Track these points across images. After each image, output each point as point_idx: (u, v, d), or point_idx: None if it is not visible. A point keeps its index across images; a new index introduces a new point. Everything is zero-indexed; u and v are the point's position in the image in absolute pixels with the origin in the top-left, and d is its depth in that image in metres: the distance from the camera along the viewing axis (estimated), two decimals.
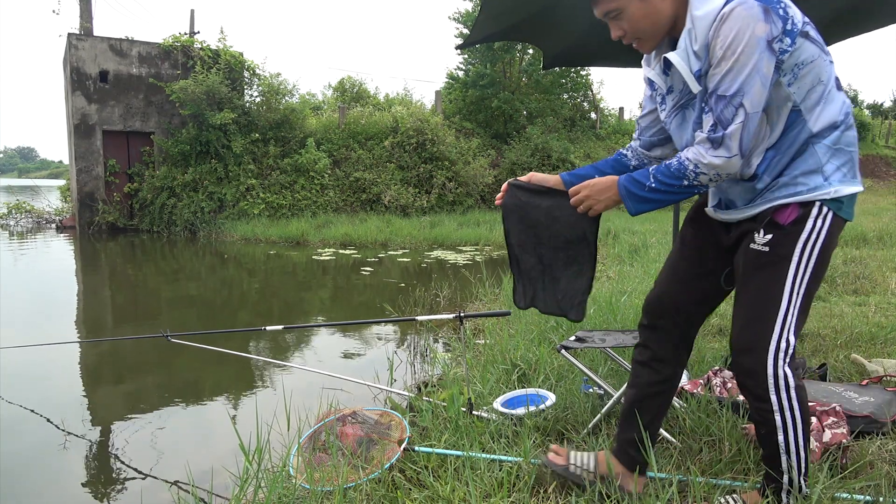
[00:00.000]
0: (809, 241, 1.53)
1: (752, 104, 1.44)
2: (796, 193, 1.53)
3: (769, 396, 1.55)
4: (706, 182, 1.54)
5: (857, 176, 1.56)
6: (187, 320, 6.11)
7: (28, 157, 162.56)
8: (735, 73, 1.43)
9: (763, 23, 1.40)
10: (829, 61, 1.52)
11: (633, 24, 1.59)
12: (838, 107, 1.53)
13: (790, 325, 1.54)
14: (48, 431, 3.32)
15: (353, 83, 22.16)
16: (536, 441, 2.37)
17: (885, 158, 28.26)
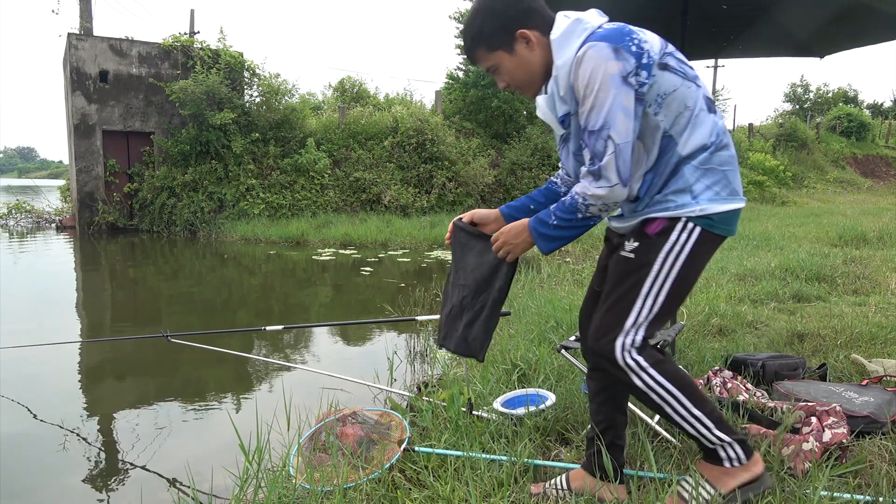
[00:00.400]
0: (672, 251, 1.62)
1: (620, 135, 1.53)
2: (665, 209, 1.63)
3: (634, 381, 1.64)
4: (597, 212, 1.63)
5: (734, 193, 1.65)
6: (187, 320, 6.11)
7: (28, 157, 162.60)
8: (598, 110, 1.53)
9: (615, 61, 1.51)
10: (694, 87, 1.62)
11: (510, 76, 1.72)
12: (708, 129, 1.62)
13: (639, 326, 1.64)
14: (48, 431, 3.32)
15: (353, 83, 22.17)
16: (537, 441, 2.37)
17: (885, 158, 28.26)
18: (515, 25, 1.64)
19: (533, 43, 1.65)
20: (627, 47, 1.53)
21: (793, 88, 37.03)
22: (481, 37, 1.67)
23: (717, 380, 2.64)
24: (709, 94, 1.67)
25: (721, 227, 1.64)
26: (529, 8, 1.65)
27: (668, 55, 1.60)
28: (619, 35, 1.56)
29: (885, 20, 3.00)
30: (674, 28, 3.19)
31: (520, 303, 4.94)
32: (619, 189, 1.56)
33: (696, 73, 1.65)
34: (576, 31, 1.59)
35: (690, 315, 4.25)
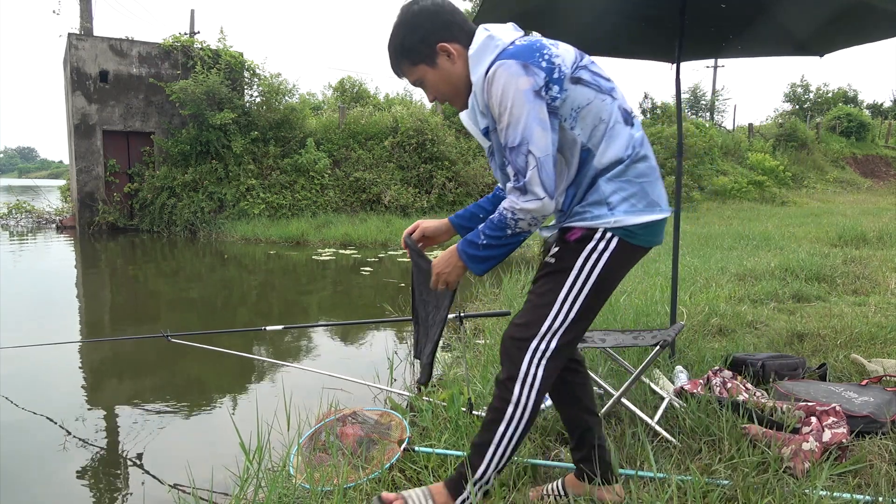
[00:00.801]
0: (590, 259, 1.64)
1: (539, 148, 1.53)
2: (583, 220, 1.65)
3: (513, 387, 1.64)
4: (526, 227, 1.63)
5: (652, 205, 1.65)
6: (187, 320, 6.11)
7: (28, 157, 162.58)
8: (514, 126, 1.54)
9: (525, 77, 1.52)
10: (609, 99, 1.63)
11: (435, 90, 1.73)
12: (623, 142, 1.63)
13: (555, 331, 1.65)
14: (48, 431, 3.32)
15: (353, 83, 22.17)
16: (536, 441, 2.37)
17: (885, 158, 28.25)
18: (435, 39, 1.64)
19: (454, 56, 1.66)
20: (537, 63, 1.54)
21: (793, 88, 37.03)
22: (403, 51, 1.69)
23: (717, 380, 2.65)
24: (626, 106, 1.69)
25: (641, 237, 1.66)
26: (449, 21, 1.65)
27: (581, 68, 1.61)
28: (530, 51, 1.56)
29: (884, 17, 3.00)
30: (672, 28, 3.19)
31: (520, 303, 4.94)
32: (547, 202, 1.56)
33: (612, 86, 1.66)
34: (488, 48, 1.60)
35: (690, 315, 4.25)
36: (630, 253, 1.68)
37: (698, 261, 6.90)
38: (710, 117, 30.94)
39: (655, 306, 4.38)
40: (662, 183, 1.72)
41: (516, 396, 1.64)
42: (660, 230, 1.70)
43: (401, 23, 1.68)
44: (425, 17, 1.65)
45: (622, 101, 1.68)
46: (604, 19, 3.42)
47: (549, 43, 1.61)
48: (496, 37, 1.61)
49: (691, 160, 19.59)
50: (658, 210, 1.66)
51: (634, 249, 1.68)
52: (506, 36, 1.63)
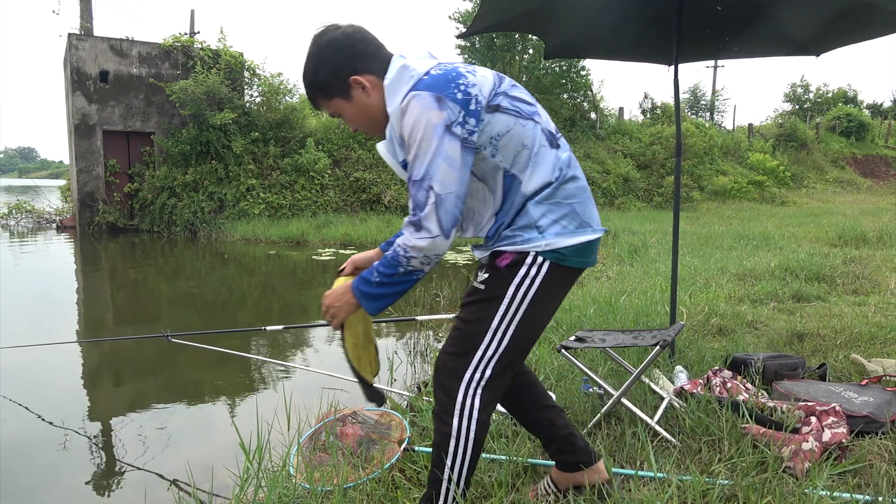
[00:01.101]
0: (522, 285, 1.59)
1: (442, 185, 1.49)
2: (512, 244, 1.60)
3: (451, 420, 1.60)
4: (418, 266, 1.57)
5: (584, 226, 1.63)
6: (187, 320, 6.11)
7: (28, 157, 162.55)
8: (420, 160, 1.50)
9: (437, 110, 1.48)
10: (531, 124, 1.60)
11: (353, 122, 1.68)
12: (550, 165, 1.60)
13: (489, 359, 1.61)
14: (48, 431, 3.32)
15: None
16: (536, 441, 2.37)
17: (885, 158, 28.26)
18: (347, 72, 1.59)
19: (368, 88, 1.60)
20: (452, 95, 1.50)
21: (793, 88, 37.04)
22: (315, 86, 1.63)
23: (716, 380, 2.65)
24: (550, 128, 1.66)
25: (574, 259, 1.62)
26: (360, 53, 1.59)
27: (499, 95, 1.57)
28: (445, 83, 1.52)
29: (881, 15, 3.00)
30: (669, 29, 3.19)
31: None
32: (441, 241, 1.51)
33: (533, 110, 1.63)
34: (403, 78, 1.56)
35: (690, 315, 4.25)
36: (563, 276, 1.64)
37: (698, 261, 6.90)
38: (709, 117, 30.94)
39: (655, 306, 4.38)
40: (593, 202, 1.70)
41: (455, 430, 1.60)
42: (592, 250, 1.67)
43: (310, 56, 1.62)
44: (333, 50, 1.59)
45: (546, 123, 1.65)
46: (601, 21, 3.42)
47: (465, 71, 1.56)
48: (410, 66, 1.56)
49: (691, 160, 19.59)
50: (590, 230, 1.63)
51: (568, 272, 1.64)
52: (421, 65, 1.57)
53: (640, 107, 25.07)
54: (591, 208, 1.68)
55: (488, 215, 1.64)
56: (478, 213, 1.66)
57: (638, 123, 22.48)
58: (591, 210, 1.67)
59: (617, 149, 19.97)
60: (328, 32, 1.60)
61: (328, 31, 1.61)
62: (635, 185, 18.50)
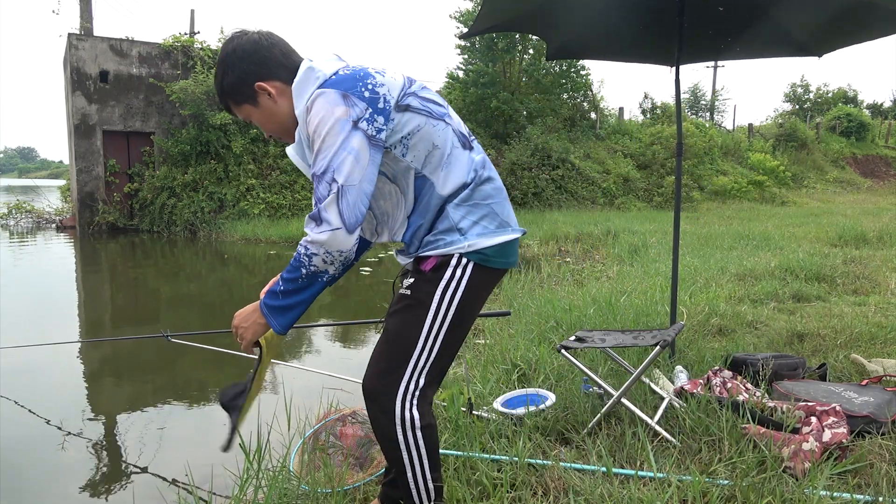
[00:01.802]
0: (449, 288, 1.58)
1: (345, 177, 1.46)
2: (436, 248, 1.59)
3: (396, 436, 1.58)
4: (321, 265, 1.53)
5: (503, 225, 1.63)
6: (187, 320, 6.11)
7: (28, 157, 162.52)
8: (324, 153, 1.47)
9: (343, 106, 1.47)
10: (442, 125, 1.59)
11: (263, 126, 1.68)
12: (464, 167, 1.60)
13: (422, 368, 1.60)
14: (48, 431, 3.32)
15: None
16: (536, 441, 2.37)
17: (885, 158, 28.26)
18: (253, 79, 1.60)
19: (274, 94, 1.61)
20: (359, 93, 1.49)
21: (793, 88, 37.03)
22: (223, 92, 1.64)
23: (717, 380, 2.65)
24: (462, 130, 1.66)
25: (496, 260, 1.62)
26: (265, 59, 1.60)
27: (410, 95, 1.57)
28: (352, 81, 1.52)
29: (883, 15, 2.99)
30: (671, 30, 3.19)
31: (520, 303, 4.94)
32: (343, 234, 1.47)
33: (444, 111, 1.63)
34: (309, 80, 1.55)
35: (690, 315, 4.25)
36: (487, 277, 1.64)
37: (698, 261, 6.90)
38: (710, 117, 30.94)
39: (655, 306, 4.38)
40: (510, 203, 1.71)
41: (403, 443, 1.58)
42: (514, 250, 1.67)
43: (219, 63, 1.64)
44: (239, 57, 1.60)
45: (457, 125, 1.65)
46: (603, 22, 3.42)
47: (373, 72, 1.56)
48: (317, 69, 1.57)
49: (691, 160, 19.59)
50: (510, 230, 1.64)
51: (491, 273, 1.64)
52: (327, 67, 1.58)
53: (640, 107, 25.10)
54: (509, 208, 1.69)
55: (401, 218, 1.63)
56: (391, 216, 1.65)
57: (638, 123, 22.49)
58: (509, 210, 1.68)
59: (617, 149, 19.97)
60: (235, 39, 1.61)
61: (235, 38, 1.62)
62: (635, 185, 18.50)
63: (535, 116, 18.76)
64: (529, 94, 18.99)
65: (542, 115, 18.80)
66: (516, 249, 1.69)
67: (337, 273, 1.59)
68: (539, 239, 10.83)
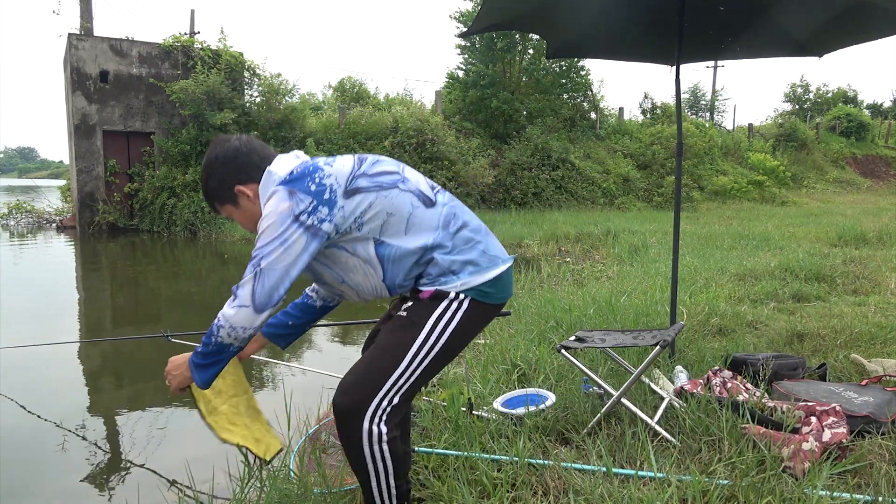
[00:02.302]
0: (444, 317, 1.66)
1: (268, 262, 1.58)
2: (433, 285, 1.68)
3: (362, 448, 1.60)
4: (227, 338, 1.62)
5: (494, 259, 1.72)
6: (188, 320, 6.11)
7: (28, 157, 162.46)
8: (260, 242, 1.60)
9: (287, 201, 1.59)
10: (395, 192, 1.67)
11: (244, 224, 1.81)
12: (431, 223, 1.69)
13: (400, 387, 1.62)
14: (48, 431, 3.32)
15: (353, 83, 22.19)
16: (536, 441, 2.37)
17: (885, 158, 28.25)
18: (233, 184, 1.73)
19: (251, 196, 1.73)
20: (305, 188, 1.60)
21: (793, 88, 37.00)
22: (207, 192, 1.79)
23: (716, 380, 2.65)
24: (421, 188, 1.73)
25: (494, 295, 1.70)
26: (245, 164, 1.73)
27: (358, 178, 1.65)
28: (301, 177, 1.62)
29: (883, 15, 2.99)
30: (671, 30, 3.19)
31: (520, 303, 4.95)
32: (249, 314, 1.58)
33: (397, 178, 1.69)
34: (269, 183, 1.68)
35: (690, 315, 4.25)
36: (483, 312, 1.71)
37: (698, 261, 6.90)
38: (709, 117, 30.93)
39: (655, 306, 4.38)
40: (493, 235, 1.78)
41: (369, 455, 1.60)
42: (509, 281, 1.74)
43: (203, 167, 1.78)
44: (221, 163, 1.74)
45: (416, 185, 1.72)
46: (603, 21, 3.41)
47: (323, 164, 1.66)
48: (273, 171, 1.68)
49: (691, 160, 19.59)
50: (500, 262, 1.72)
51: (487, 308, 1.71)
52: (282, 168, 1.68)
53: (640, 107, 25.08)
54: (494, 241, 1.77)
55: (376, 284, 1.71)
56: (362, 284, 1.73)
57: (638, 123, 22.48)
58: (494, 243, 1.77)
59: (617, 149, 19.97)
60: (218, 146, 1.76)
61: (218, 144, 1.76)
62: (635, 185, 18.50)
63: (535, 116, 18.75)
64: (529, 94, 18.99)
65: (542, 115, 18.79)
66: (511, 279, 1.76)
67: (235, 348, 1.67)
68: (539, 239, 10.83)
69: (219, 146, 1.77)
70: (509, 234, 11.65)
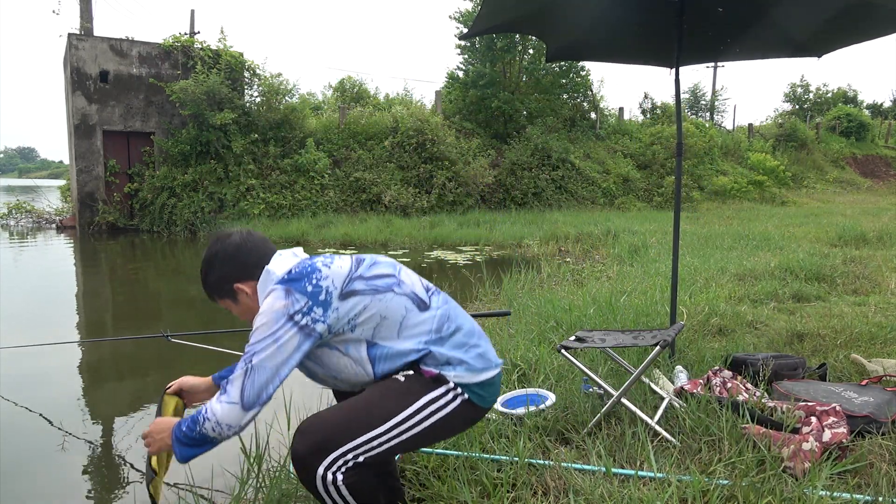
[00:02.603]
0: (438, 401, 1.66)
1: (260, 360, 1.59)
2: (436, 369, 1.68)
3: (317, 489, 1.57)
4: (210, 432, 1.60)
5: (487, 363, 1.73)
6: (187, 320, 6.11)
7: (28, 157, 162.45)
8: (254, 338, 1.63)
9: (283, 300, 1.62)
10: (390, 296, 1.69)
11: (241, 316, 1.86)
12: (424, 327, 1.70)
13: (368, 450, 1.59)
14: (47, 431, 3.32)
15: (353, 83, 22.18)
16: (536, 441, 2.37)
17: (885, 158, 28.26)
18: (232, 281, 1.77)
19: (249, 293, 1.77)
20: (302, 288, 1.63)
21: (793, 88, 37.00)
22: (207, 286, 1.83)
23: (716, 380, 2.65)
24: (416, 291, 1.75)
25: (481, 398, 1.71)
26: (244, 263, 1.76)
27: (355, 280, 1.68)
28: (298, 278, 1.66)
29: (883, 14, 2.99)
30: (670, 32, 3.19)
31: (520, 303, 4.95)
32: (237, 411, 1.58)
33: (392, 281, 1.72)
34: (268, 282, 1.72)
35: (690, 315, 4.25)
36: (472, 413, 1.72)
37: (698, 261, 6.90)
38: (709, 117, 30.93)
39: (655, 306, 4.38)
40: (486, 337, 1.80)
41: (326, 496, 1.57)
42: (497, 385, 1.76)
43: (204, 261, 1.82)
44: (221, 260, 1.78)
45: (410, 288, 1.74)
46: (603, 24, 3.41)
47: (321, 265, 1.69)
48: (272, 270, 1.72)
49: (691, 160, 19.60)
50: (492, 366, 1.74)
51: (477, 410, 1.72)
52: (281, 267, 1.72)
53: (640, 107, 25.07)
54: (487, 345, 1.78)
55: (364, 381, 1.72)
56: (354, 379, 1.73)
57: (638, 123, 22.48)
58: (488, 346, 1.78)
59: (617, 149, 19.97)
60: (220, 242, 1.80)
61: (220, 240, 1.80)
62: (635, 185, 18.51)
63: (535, 116, 18.75)
64: (529, 94, 18.99)
65: (542, 115, 18.80)
66: (499, 384, 1.78)
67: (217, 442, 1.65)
68: (539, 239, 10.83)
69: (220, 242, 1.80)
70: (509, 234, 11.65)
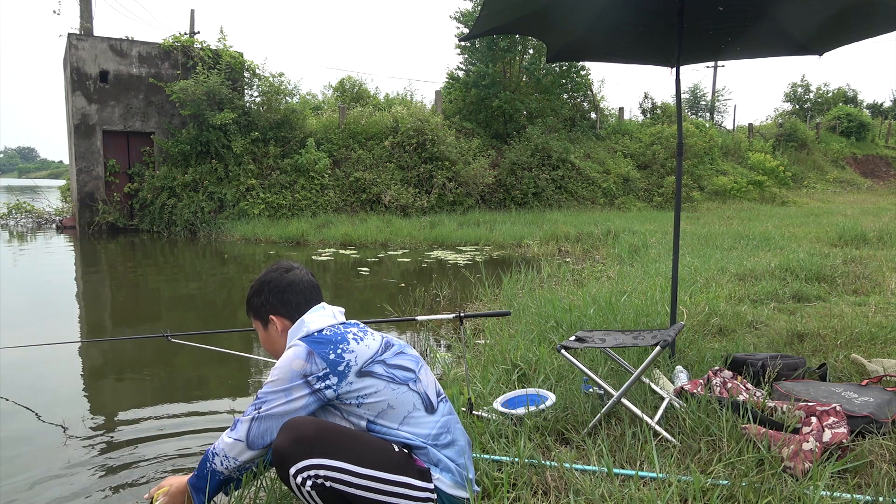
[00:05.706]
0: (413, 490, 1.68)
1: (268, 409, 1.71)
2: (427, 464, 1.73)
3: (293, 489, 1.64)
4: (220, 466, 1.75)
5: (463, 483, 1.77)
6: (187, 320, 6.11)
7: (28, 157, 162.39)
8: (268, 385, 1.73)
9: (303, 360, 1.70)
10: (404, 389, 1.76)
11: (264, 345, 1.99)
12: (424, 429, 1.77)
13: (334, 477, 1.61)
14: (48, 431, 3.32)
15: (353, 83, 22.17)
16: (536, 441, 2.37)
17: (885, 158, 28.27)
18: (269, 311, 1.90)
19: (279, 329, 1.89)
20: (324, 354, 1.70)
21: (793, 88, 37.00)
22: (250, 305, 1.96)
23: (717, 380, 2.65)
24: (429, 393, 1.82)
25: None
26: (288, 301, 1.88)
27: (377, 363, 1.75)
28: (325, 342, 1.73)
29: (883, 11, 2.99)
30: (671, 31, 3.19)
31: (520, 303, 4.95)
32: (241, 447, 1.72)
33: (411, 377, 1.79)
34: (299, 330, 1.82)
35: (690, 315, 4.25)
36: None
37: (698, 261, 6.90)
38: (710, 117, 30.94)
39: (655, 306, 4.38)
40: (472, 461, 1.86)
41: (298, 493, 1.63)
42: None
43: (256, 282, 1.94)
44: (269, 289, 1.90)
45: (425, 388, 1.81)
46: (603, 24, 3.41)
47: (352, 337, 1.76)
48: (307, 322, 1.83)
49: (691, 160, 19.60)
50: (466, 489, 1.77)
51: None
52: (317, 323, 1.82)
53: (641, 107, 25.09)
54: (471, 468, 1.83)
55: None
56: None
57: (638, 123, 22.49)
58: (471, 469, 1.83)
59: (617, 149, 19.98)
60: (277, 272, 1.91)
61: (278, 270, 1.92)
62: (635, 185, 18.51)
63: (535, 116, 18.75)
64: (530, 94, 18.99)
65: (542, 115, 18.80)
66: None
67: (225, 475, 1.77)
68: (539, 239, 10.83)
69: (277, 272, 1.91)
70: (509, 234, 11.66)
